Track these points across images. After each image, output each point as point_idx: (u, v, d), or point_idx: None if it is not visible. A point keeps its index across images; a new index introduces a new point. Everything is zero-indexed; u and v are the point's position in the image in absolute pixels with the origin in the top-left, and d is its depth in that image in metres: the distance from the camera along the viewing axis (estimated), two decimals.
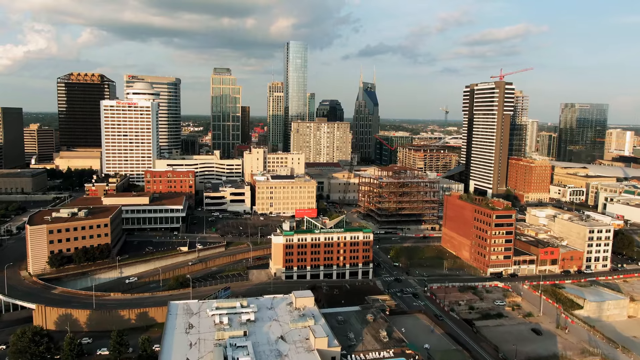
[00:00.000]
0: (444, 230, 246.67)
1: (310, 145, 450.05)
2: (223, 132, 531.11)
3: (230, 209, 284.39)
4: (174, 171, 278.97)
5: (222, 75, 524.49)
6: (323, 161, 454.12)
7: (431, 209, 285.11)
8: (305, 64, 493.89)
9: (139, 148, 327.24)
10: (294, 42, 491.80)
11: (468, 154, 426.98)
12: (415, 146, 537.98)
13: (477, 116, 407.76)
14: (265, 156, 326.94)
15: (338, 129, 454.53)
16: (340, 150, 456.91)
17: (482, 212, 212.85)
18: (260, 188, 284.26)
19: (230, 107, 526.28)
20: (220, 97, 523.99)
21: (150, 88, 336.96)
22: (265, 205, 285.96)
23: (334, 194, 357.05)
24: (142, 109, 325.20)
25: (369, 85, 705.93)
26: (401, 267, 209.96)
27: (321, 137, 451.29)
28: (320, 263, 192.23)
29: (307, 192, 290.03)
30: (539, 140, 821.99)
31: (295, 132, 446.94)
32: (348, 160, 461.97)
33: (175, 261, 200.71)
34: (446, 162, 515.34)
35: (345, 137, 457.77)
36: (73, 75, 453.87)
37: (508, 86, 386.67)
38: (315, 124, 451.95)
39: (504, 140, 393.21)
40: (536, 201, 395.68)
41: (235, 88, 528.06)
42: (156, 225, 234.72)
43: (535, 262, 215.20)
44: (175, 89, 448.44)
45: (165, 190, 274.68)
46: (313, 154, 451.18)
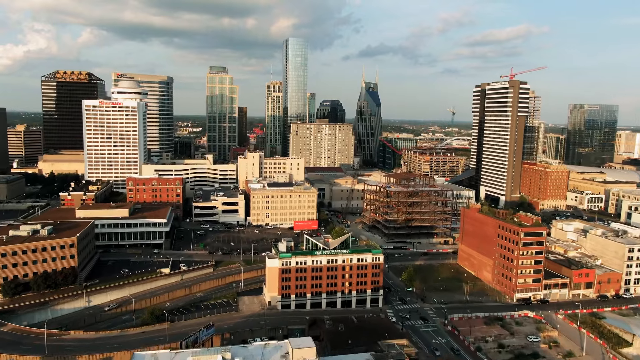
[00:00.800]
0: (461, 246, 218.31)
1: (311, 148, 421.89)
2: (219, 134, 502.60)
3: (222, 220, 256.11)
4: (160, 178, 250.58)
5: (218, 74, 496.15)
6: (324, 165, 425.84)
7: (443, 220, 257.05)
8: (305, 62, 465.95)
9: (124, 152, 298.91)
10: (293, 38, 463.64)
11: (478, 158, 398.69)
12: (420, 149, 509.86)
13: (488, 118, 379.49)
14: (261, 161, 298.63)
15: (340, 131, 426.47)
16: (342, 154, 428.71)
17: (507, 228, 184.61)
18: (255, 197, 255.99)
19: (226, 108, 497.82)
20: (215, 97, 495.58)
21: (137, 87, 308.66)
22: (260, 216, 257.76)
23: (336, 201, 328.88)
24: (127, 109, 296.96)
25: (371, 85, 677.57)
26: (415, 291, 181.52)
27: (322, 140, 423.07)
28: (322, 290, 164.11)
29: (307, 202, 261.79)
30: (545, 142, 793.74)
31: (295, 134, 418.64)
32: (351, 164, 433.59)
33: (154, 286, 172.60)
34: (453, 166, 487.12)
35: (348, 139, 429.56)
36: (59, 73, 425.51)
37: (522, 86, 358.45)
38: (316, 125, 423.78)
39: (518, 143, 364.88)
40: (552, 209, 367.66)
41: (232, 88, 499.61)
42: (136, 240, 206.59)
43: (568, 286, 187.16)
44: (167, 88, 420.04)
45: (150, 200, 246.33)
46: (313, 158, 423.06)
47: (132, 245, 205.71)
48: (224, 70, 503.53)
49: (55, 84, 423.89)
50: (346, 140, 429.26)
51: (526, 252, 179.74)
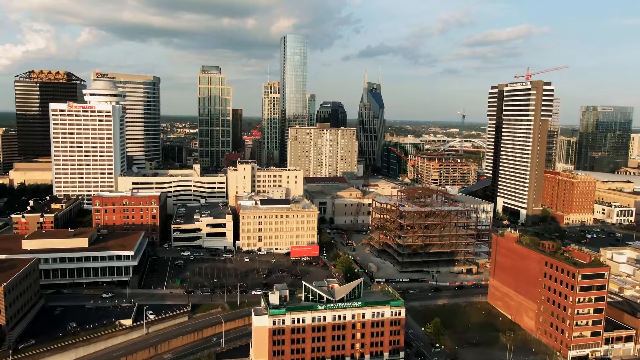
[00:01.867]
0: (493, 282, 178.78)
1: (310, 154, 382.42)
2: (211, 138, 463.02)
3: (206, 244, 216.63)
4: (133, 197, 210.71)
5: (211, 74, 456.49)
6: (325, 174, 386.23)
7: (466, 244, 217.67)
8: (304, 61, 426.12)
9: (97, 163, 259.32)
10: (291, 35, 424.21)
11: (495, 166, 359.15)
12: (428, 155, 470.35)
13: (507, 122, 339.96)
14: (254, 173, 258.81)
15: (342, 136, 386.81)
16: (345, 161, 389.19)
17: (558, 267, 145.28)
18: (245, 218, 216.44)
19: (219, 110, 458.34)
20: (208, 98, 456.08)
21: (113, 88, 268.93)
22: (252, 240, 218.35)
23: (340, 217, 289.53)
24: (100, 114, 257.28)
25: (374, 85, 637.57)
26: (445, 351, 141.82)
27: (323, 146, 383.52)
28: (326, 355, 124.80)
29: (307, 222, 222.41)
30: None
31: (293, 140, 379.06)
32: (354, 172, 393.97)
33: (110, 345, 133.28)
34: (464, 173, 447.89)
35: (351, 145, 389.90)
36: (34, 73, 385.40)
37: (547, 87, 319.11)
38: (316, 130, 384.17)
39: (541, 151, 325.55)
40: (578, 223, 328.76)
41: (226, 88, 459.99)
42: (97, 277, 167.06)
43: (634, 339, 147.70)
44: (154, 88, 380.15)
45: (121, 223, 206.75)
46: (313, 166, 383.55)
47: (91, 284, 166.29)
48: (217, 69, 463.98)
49: (31, 85, 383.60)
50: (349, 145, 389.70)
51: (584, 298, 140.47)
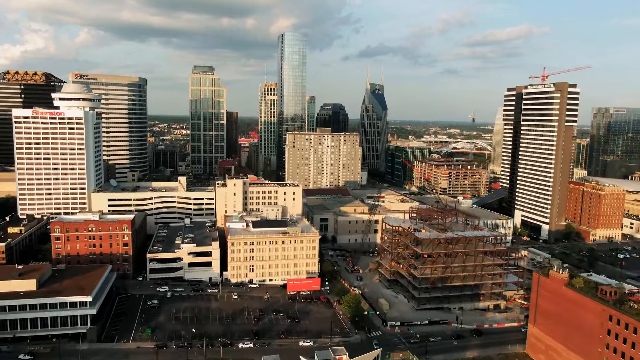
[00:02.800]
0: (534, 330, 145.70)
1: (310, 162, 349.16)
2: (204, 143, 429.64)
3: (188, 276, 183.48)
4: (101, 221, 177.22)
5: (203, 75, 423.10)
6: (326, 183, 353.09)
7: (493, 276, 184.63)
8: (303, 61, 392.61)
9: (66, 177, 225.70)
10: (290, 33, 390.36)
11: (512, 176, 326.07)
12: (436, 161, 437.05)
13: (527, 128, 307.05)
14: (245, 189, 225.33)
15: (345, 142, 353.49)
16: (348, 169, 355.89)
17: (628, 325, 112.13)
18: (235, 244, 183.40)
19: (212, 113, 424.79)
20: (200, 100, 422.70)
21: (86, 91, 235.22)
22: (242, 270, 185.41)
23: (343, 235, 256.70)
24: (70, 121, 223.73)
25: (376, 86, 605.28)
26: None
27: (323, 153, 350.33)
28: None
29: (307, 249, 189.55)
30: None
31: (291, 147, 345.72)
32: (358, 182, 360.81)
33: None
34: (475, 181, 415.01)
35: (354, 152, 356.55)
36: (9, 73, 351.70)
37: (572, 89, 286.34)
38: (316, 135, 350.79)
39: (565, 159, 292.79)
40: (605, 240, 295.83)
41: (219, 90, 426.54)
42: (47, 329, 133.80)
43: None
44: (139, 90, 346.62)
45: (86, 252, 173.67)
46: (313, 174, 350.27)
47: (38, 339, 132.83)
48: (211, 70, 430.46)
49: (4, 86, 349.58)
50: (352, 152, 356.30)
51: None
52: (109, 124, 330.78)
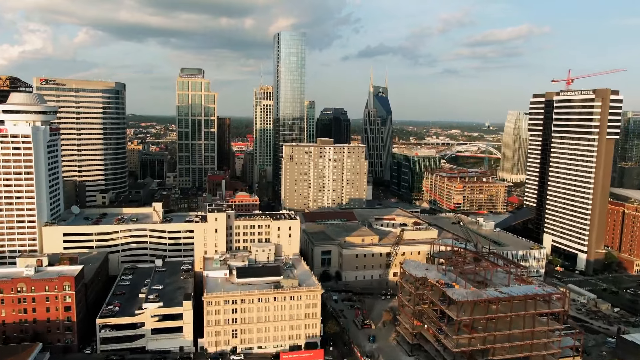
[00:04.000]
0: None
1: (310, 177, 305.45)
2: (193, 154, 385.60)
3: (152, 345, 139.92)
4: (32, 280, 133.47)
5: (192, 78, 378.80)
6: (328, 201, 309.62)
7: (546, 345, 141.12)
8: (302, 63, 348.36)
9: (11, 207, 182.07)
10: (287, 32, 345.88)
11: (541, 194, 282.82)
12: (448, 172, 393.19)
13: (559, 139, 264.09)
14: (230, 224, 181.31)
15: (349, 154, 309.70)
16: (352, 185, 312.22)
17: None
18: (213, 304, 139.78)
19: (202, 121, 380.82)
20: (188, 106, 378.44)
21: (37, 102, 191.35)
22: (222, 337, 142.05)
23: (349, 271, 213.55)
24: (15, 139, 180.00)
25: (380, 89, 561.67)
26: None
27: (325, 167, 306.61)
28: None
29: (306, 307, 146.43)
30: None
31: (288, 160, 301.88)
32: (363, 199, 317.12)
33: None
34: (491, 196, 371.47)
35: (360, 166, 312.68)
36: None
37: (614, 96, 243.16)
38: (317, 147, 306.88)
39: (605, 176, 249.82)
40: None
41: (209, 95, 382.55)
42: None
43: None
44: (117, 97, 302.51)
45: (14, 320, 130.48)
46: (314, 191, 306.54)
47: None
48: (200, 72, 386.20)
49: None
50: (357, 166, 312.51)
51: None
52: (80, 136, 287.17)
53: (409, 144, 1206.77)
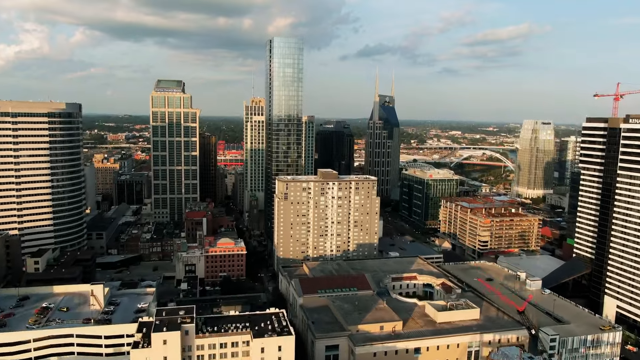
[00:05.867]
0: None
1: (309, 219, 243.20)
2: (171, 182, 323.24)
3: None
4: None
5: (169, 93, 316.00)
6: (331, 248, 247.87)
7: None
8: (298, 75, 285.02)
9: None
10: (280, 39, 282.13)
11: (601, 244, 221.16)
12: (471, 202, 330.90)
13: (627, 178, 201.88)
14: (187, 344, 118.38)
15: (357, 189, 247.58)
16: (361, 228, 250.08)
17: None
18: None
19: (181, 143, 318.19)
20: (165, 127, 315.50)
21: None
22: None
23: None
24: None
25: (386, 98, 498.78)
26: None
27: (327, 207, 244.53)
28: None
29: None
30: None
31: (282, 199, 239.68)
32: (374, 244, 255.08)
33: None
34: (523, 231, 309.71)
35: (370, 203, 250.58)
36: None
37: None
38: (317, 183, 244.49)
39: None
40: None
41: (191, 113, 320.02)
42: None
43: None
44: (70, 122, 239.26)
45: None
46: (314, 237, 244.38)
47: None
48: (179, 85, 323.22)
49: None
50: (367, 204, 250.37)
51: None
52: (19, 172, 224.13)
53: (411, 147, 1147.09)
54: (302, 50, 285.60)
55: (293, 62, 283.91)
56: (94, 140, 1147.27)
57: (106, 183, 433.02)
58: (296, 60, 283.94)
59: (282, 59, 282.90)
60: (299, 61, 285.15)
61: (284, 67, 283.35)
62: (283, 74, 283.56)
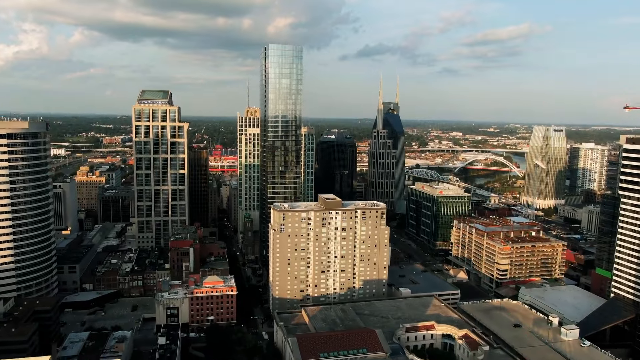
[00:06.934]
0: None
1: (309, 254, 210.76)
2: (156, 204, 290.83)
3: None
4: None
5: (153, 105, 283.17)
6: (334, 286, 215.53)
7: None
8: (297, 87, 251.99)
9: None
10: (276, 47, 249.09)
11: None
12: (487, 225, 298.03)
13: None
14: None
15: (364, 219, 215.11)
16: (369, 262, 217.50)
17: None
18: None
19: (167, 160, 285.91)
20: (150, 143, 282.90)
21: None
22: None
23: None
24: None
25: (390, 106, 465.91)
26: None
27: (330, 239, 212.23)
28: None
29: None
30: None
31: (278, 231, 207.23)
32: (383, 281, 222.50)
33: None
34: (546, 258, 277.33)
35: (379, 235, 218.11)
36: None
37: None
38: (318, 212, 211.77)
39: None
40: None
41: (178, 127, 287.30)
42: None
43: None
44: (36, 143, 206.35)
45: None
46: (315, 273, 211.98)
47: None
48: (165, 97, 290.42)
49: None
50: (375, 235, 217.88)
51: None
52: None
53: (412, 150, 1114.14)
54: (300, 58, 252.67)
55: (291, 72, 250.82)
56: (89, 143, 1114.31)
57: (91, 198, 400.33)
58: (294, 70, 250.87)
59: (279, 69, 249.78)
60: (297, 71, 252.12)
61: (281, 78, 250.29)
62: (280, 85, 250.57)
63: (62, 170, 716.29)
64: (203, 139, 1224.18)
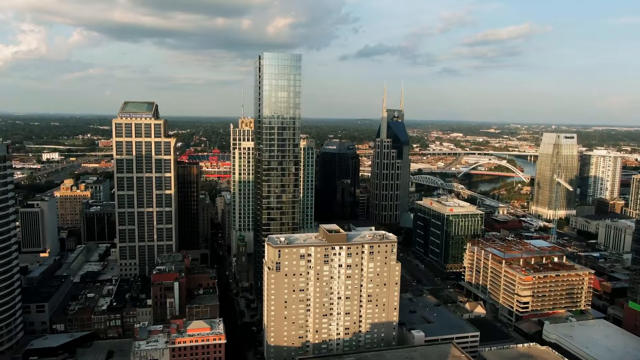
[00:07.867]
0: None
1: (309, 295, 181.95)
2: (140, 228, 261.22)
3: None
4: None
5: (136, 119, 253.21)
6: (337, 332, 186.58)
7: None
8: (296, 100, 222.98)
9: None
10: (271, 55, 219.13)
11: None
12: (506, 251, 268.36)
13: None
14: None
15: (371, 254, 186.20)
16: (377, 303, 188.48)
17: None
18: None
19: (152, 180, 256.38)
20: (132, 160, 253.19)
21: None
22: None
23: None
24: None
25: (394, 113, 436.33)
26: None
27: (333, 278, 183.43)
28: None
29: None
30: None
31: (274, 270, 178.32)
32: (393, 324, 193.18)
33: None
34: (571, 287, 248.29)
35: (389, 271, 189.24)
36: None
37: None
38: (320, 247, 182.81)
39: None
40: None
41: (163, 142, 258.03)
42: None
43: None
44: None
45: None
46: (315, 317, 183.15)
47: None
48: (149, 109, 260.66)
49: None
50: (385, 273, 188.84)
51: None
52: None
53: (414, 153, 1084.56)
54: (299, 68, 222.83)
55: (288, 83, 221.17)
56: (85, 146, 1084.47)
57: (75, 214, 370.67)
58: (292, 82, 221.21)
59: (275, 80, 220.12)
60: (295, 82, 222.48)
61: (277, 90, 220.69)
62: (275, 98, 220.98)
63: (54, 177, 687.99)
64: (201, 142, 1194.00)
